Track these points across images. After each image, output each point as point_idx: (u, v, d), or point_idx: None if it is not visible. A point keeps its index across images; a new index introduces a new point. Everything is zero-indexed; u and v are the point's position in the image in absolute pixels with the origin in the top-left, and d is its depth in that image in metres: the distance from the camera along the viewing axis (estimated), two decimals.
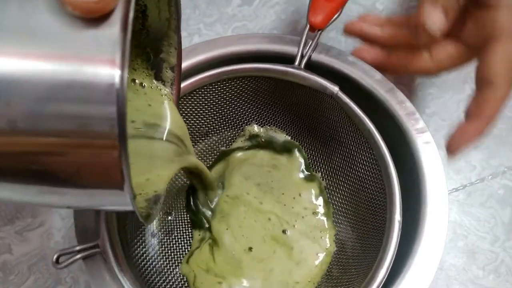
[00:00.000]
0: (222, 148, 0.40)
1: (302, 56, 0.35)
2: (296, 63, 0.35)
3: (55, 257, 0.29)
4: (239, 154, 0.40)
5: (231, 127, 0.40)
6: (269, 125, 0.40)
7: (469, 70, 0.35)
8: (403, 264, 0.30)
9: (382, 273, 0.30)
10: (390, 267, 0.30)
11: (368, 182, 0.35)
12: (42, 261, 0.39)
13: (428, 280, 0.29)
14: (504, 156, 0.43)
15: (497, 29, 0.32)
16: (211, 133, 0.40)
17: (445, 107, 0.36)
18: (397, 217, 0.31)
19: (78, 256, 0.29)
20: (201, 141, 0.40)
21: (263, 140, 0.40)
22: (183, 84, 0.34)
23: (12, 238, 0.40)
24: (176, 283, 0.36)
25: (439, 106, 0.44)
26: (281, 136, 0.40)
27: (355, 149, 0.36)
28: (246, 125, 0.40)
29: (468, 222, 0.41)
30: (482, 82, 0.32)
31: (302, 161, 0.39)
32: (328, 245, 0.37)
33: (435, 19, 0.33)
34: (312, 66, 0.36)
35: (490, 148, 0.43)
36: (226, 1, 0.48)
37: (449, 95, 0.44)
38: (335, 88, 0.34)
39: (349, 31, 0.38)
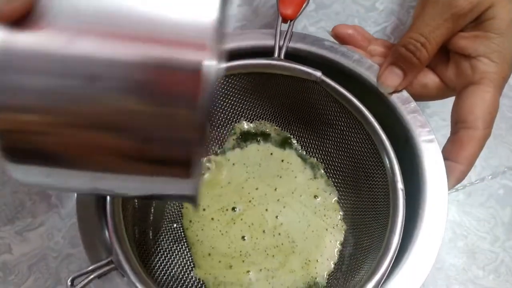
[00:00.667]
0: (215, 149, 0.40)
1: (280, 48, 0.36)
2: (276, 55, 0.36)
3: (69, 280, 0.28)
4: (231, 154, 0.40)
5: (220, 127, 0.40)
6: (258, 120, 0.40)
7: None
8: (400, 258, 0.30)
9: (395, 241, 0.30)
10: (401, 234, 0.30)
11: (366, 158, 0.36)
12: (42, 261, 0.39)
13: (424, 275, 0.29)
14: (504, 156, 0.43)
15: (477, 75, 0.32)
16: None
17: (445, 107, 0.36)
18: (400, 185, 0.32)
19: (93, 275, 0.28)
20: None
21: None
22: None
23: (12, 238, 0.40)
24: (194, 285, 0.35)
25: (439, 106, 0.44)
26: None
27: (347, 129, 0.37)
28: (235, 122, 0.40)
29: (468, 222, 0.41)
30: (459, 124, 0.32)
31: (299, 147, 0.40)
32: (338, 224, 0.37)
33: (389, 82, 0.34)
34: (292, 56, 0.36)
35: (490, 148, 0.43)
36: None
37: None
38: (317, 73, 0.35)
39: (336, 33, 0.38)
